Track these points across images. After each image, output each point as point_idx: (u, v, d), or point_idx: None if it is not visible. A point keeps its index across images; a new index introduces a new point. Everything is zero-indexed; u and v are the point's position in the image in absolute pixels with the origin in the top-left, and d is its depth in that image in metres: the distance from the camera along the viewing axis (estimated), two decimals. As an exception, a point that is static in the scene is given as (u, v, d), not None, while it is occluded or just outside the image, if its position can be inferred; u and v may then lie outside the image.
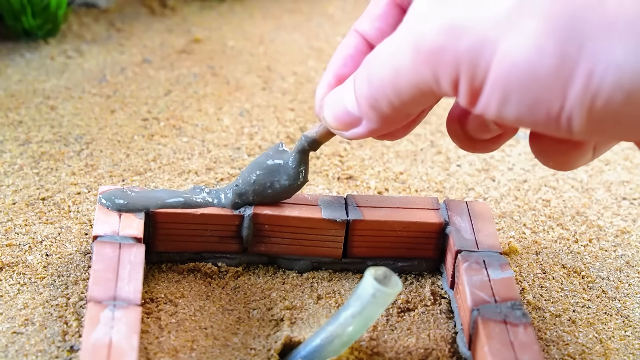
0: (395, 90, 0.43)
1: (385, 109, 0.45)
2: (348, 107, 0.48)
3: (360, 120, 0.48)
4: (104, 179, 0.63)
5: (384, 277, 0.47)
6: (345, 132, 0.49)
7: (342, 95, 0.49)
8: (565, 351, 0.53)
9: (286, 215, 0.55)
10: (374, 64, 0.45)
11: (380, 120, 0.46)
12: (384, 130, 0.48)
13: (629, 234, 0.63)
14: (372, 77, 0.45)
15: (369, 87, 0.45)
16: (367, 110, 0.46)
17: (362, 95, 0.46)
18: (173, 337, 0.51)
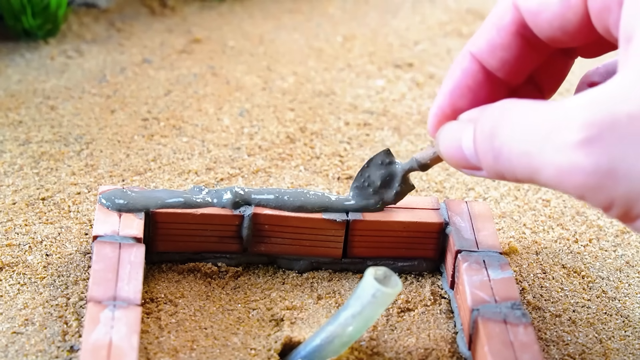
0: (526, 173, 0.40)
1: (508, 177, 0.42)
2: (465, 152, 0.45)
3: (478, 167, 0.45)
4: (104, 179, 0.63)
5: (384, 277, 0.47)
6: (463, 170, 0.46)
7: (460, 136, 0.45)
8: (565, 351, 0.53)
9: (286, 215, 0.55)
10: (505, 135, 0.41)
11: (500, 178, 0.43)
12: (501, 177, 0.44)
13: (629, 234, 0.63)
14: (501, 152, 0.41)
15: (493, 155, 0.42)
16: (488, 170, 0.43)
17: (485, 160, 0.43)
18: (173, 337, 0.51)
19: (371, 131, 0.71)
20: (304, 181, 0.65)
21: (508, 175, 0.42)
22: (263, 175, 0.65)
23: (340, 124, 0.72)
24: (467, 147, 0.45)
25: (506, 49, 0.47)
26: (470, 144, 0.44)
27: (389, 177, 0.56)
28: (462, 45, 0.86)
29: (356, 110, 0.74)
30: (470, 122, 0.45)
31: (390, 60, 0.82)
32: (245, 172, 0.65)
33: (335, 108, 0.74)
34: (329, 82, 0.78)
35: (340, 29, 0.87)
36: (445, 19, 0.90)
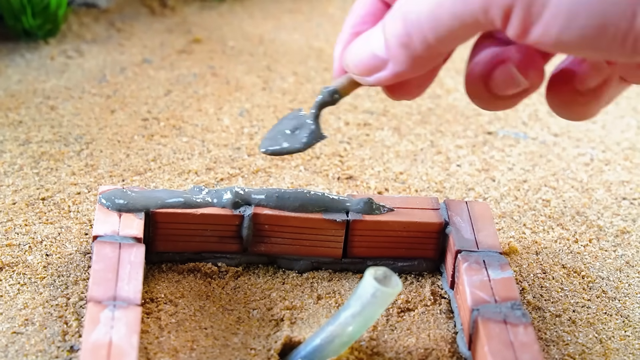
0: (433, 25, 0.43)
1: (417, 47, 0.44)
2: (375, 50, 0.47)
3: (386, 63, 0.47)
4: (104, 179, 0.63)
5: (384, 277, 0.47)
6: (369, 77, 0.48)
7: (369, 39, 0.48)
8: (565, 351, 0.53)
9: (286, 215, 0.55)
10: (408, 3, 0.44)
11: (408, 62, 0.46)
12: (408, 74, 0.47)
13: (629, 234, 0.63)
14: (408, 12, 0.44)
15: (403, 23, 0.44)
16: (396, 51, 0.46)
17: (394, 34, 0.45)
18: (173, 337, 0.51)
19: (371, 131, 0.71)
20: (304, 181, 0.65)
21: (416, 38, 0.44)
22: (263, 175, 0.65)
23: (340, 124, 0.72)
24: (378, 43, 0.47)
25: None
26: (380, 39, 0.47)
27: (300, 124, 0.53)
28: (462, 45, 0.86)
29: (356, 110, 0.74)
30: (377, 25, 0.48)
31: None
32: (245, 172, 0.65)
33: (335, 108, 0.74)
34: (329, 82, 0.78)
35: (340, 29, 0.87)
36: (445, 19, 0.90)
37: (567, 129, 0.74)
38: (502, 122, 0.74)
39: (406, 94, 0.51)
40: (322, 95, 0.52)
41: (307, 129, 0.52)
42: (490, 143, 0.71)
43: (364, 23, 0.51)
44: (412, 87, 0.51)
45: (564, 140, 0.72)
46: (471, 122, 0.74)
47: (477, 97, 0.50)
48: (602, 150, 0.71)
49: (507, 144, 0.71)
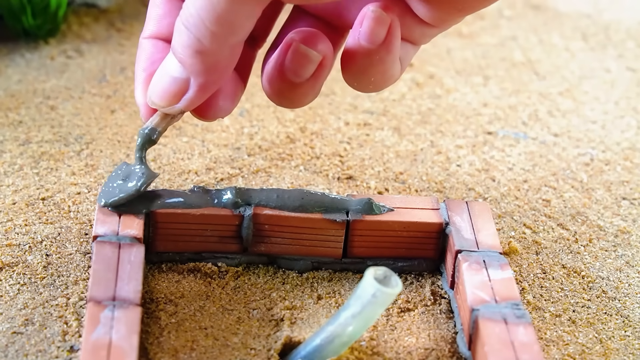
0: (214, 15, 0.43)
1: (210, 46, 0.45)
2: (172, 74, 0.48)
3: (187, 81, 0.48)
4: (104, 179, 0.63)
5: (384, 277, 0.47)
6: (178, 103, 0.49)
7: (163, 68, 0.49)
8: (565, 351, 0.53)
9: (286, 215, 0.55)
10: (184, 11, 0.45)
11: (208, 67, 0.46)
12: (214, 82, 0.47)
13: (629, 234, 0.63)
14: (186, 19, 0.45)
15: (187, 31, 0.45)
16: (192, 61, 0.46)
17: (184, 45, 0.46)
18: (173, 337, 0.51)
19: (371, 131, 0.71)
20: (304, 181, 0.65)
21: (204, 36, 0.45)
22: (263, 175, 0.65)
23: (340, 124, 0.72)
24: (173, 66, 0.48)
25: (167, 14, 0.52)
26: (174, 62, 0.47)
27: (129, 171, 0.54)
28: (462, 45, 0.86)
29: (356, 110, 0.74)
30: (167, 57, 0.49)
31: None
32: (245, 172, 0.65)
33: (335, 108, 0.74)
34: (329, 82, 0.78)
35: (340, 29, 0.87)
36: (445, 19, 0.90)
37: (567, 129, 0.74)
38: (502, 122, 0.74)
39: (218, 111, 0.52)
40: (141, 138, 0.53)
41: (137, 172, 0.54)
42: (490, 143, 0.71)
43: (153, 63, 0.52)
44: (223, 100, 0.51)
45: (564, 140, 0.72)
46: (471, 122, 0.74)
47: (279, 94, 0.50)
48: (602, 150, 0.71)
49: (507, 144, 0.71)
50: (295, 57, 0.49)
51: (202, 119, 0.52)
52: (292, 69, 0.49)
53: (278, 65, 0.50)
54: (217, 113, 0.52)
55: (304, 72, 0.49)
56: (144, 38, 0.53)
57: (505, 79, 0.81)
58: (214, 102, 0.51)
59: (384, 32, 0.48)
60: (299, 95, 0.50)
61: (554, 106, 0.77)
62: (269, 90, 0.51)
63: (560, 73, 0.83)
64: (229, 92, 0.52)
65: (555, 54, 0.86)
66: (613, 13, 0.95)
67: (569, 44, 0.88)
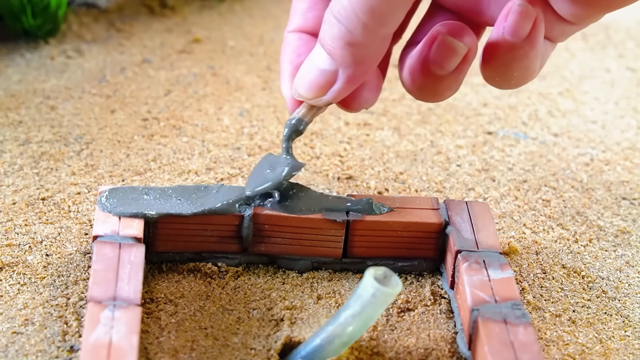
0: (367, 7, 0.44)
1: (361, 38, 0.45)
2: (320, 66, 0.48)
3: (336, 73, 0.48)
4: (104, 179, 0.63)
5: (384, 277, 0.47)
6: (325, 95, 0.49)
7: (311, 60, 0.49)
8: (565, 351, 0.53)
9: (286, 215, 0.55)
10: (336, 4, 0.45)
11: (358, 59, 0.46)
12: (362, 74, 0.48)
13: (629, 234, 0.63)
14: (338, 12, 0.45)
15: (338, 24, 0.45)
16: (342, 53, 0.46)
17: (334, 37, 0.46)
18: (173, 337, 0.51)
19: (371, 131, 0.71)
20: (304, 181, 0.65)
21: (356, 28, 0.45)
22: (263, 175, 0.65)
23: (340, 124, 0.72)
24: (321, 58, 0.48)
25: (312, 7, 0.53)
26: (323, 54, 0.47)
27: (276, 161, 0.55)
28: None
29: (356, 110, 0.74)
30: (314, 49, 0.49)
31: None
32: (245, 172, 0.65)
33: (335, 108, 0.74)
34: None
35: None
36: (445, 19, 0.90)
37: (567, 129, 0.74)
38: (502, 122, 0.74)
39: (363, 102, 0.52)
40: (288, 128, 0.53)
41: (283, 162, 0.54)
42: (490, 143, 0.71)
43: (299, 55, 0.52)
44: (367, 91, 0.51)
45: (564, 140, 0.72)
46: (471, 122, 0.74)
47: (419, 86, 0.50)
48: (602, 150, 0.71)
49: (507, 144, 0.71)
50: (441, 49, 0.49)
51: (347, 110, 0.53)
52: (437, 61, 0.49)
53: (422, 58, 0.50)
54: (362, 104, 0.52)
55: (449, 64, 0.49)
56: (289, 32, 0.53)
57: (505, 79, 0.81)
58: (358, 93, 0.51)
59: (529, 26, 0.48)
60: (442, 88, 0.51)
61: (554, 106, 0.77)
62: (411, 84, 0.51)
63: (560, 73, 0.83)
64: (372, 84, 0.52)
65: (555, 53, 0.86)
66: (613, 13, 0.95)
67: (568, 43, 0.88)
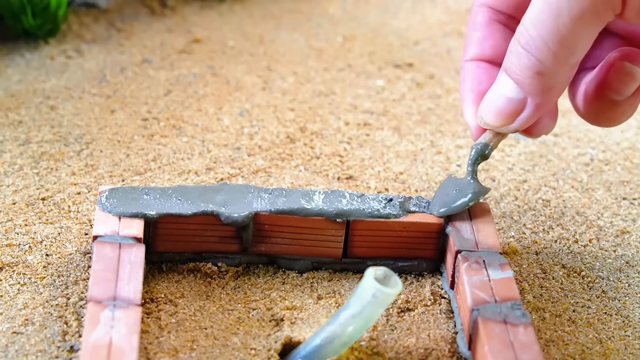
0: (559, 38, 0.45)
1: (551, 68, 0.46)
2: (508, 94, 0.49)
3: (524, 102, 0.49)
4: (104, 179, 0.63)
5: (384, 277, 0.47)
6: (512, 123, 0.50)
7: (498, 89, 0.50)
8: (565, 351, 0.53)
9: (286, 216, 0.55)
10: (524, 35, 0.46)
11: (547, 88, 0.48)
12: (550, 102, 0.49)
13: (629, 234, 0.63)
14: (529, 43, 0.46)
15: (528, 55, 0.47)
16: (531, 82, 0.48)
17: (524, 67, 0.47)
18: (173, 337, 0.51)
19: (371, 131, 0.71)
20: (304, 181, 0.65)
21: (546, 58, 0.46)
22: (263, 175, 0.65)
23: (340, 124, 0.72)
24: (509, 88, 0.49)
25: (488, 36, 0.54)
26: (510, 83, 0.49)
27: (460, 184, 0.56)
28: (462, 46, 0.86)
29: (356, 110, 0.74)
30: (498, 78, 0.50)
31: (390, 60, 0.82)
32: (245, 172, 0.65)
33: (335, 108, 0.74)
34: (329, 82, 0.78)
35: (340, 29, 0.87)
36: (445, 19, 0.90)
37: (567, 128, 0.74)
38: (502, 122, 0.74)
39: (544, 128, 0.53)
40: (475, 152, 0.54)
41: (468, 187, 0.55)
42: (490, 143, 0.71)
43: (480, 83, 0.53)
44: (547, 117, 0.53)
45: (564, 140, 0.72)
46: (471, 122, 0.74)
47: (599, 113, 0.52)
48: (602, 150, 0.71)
49: (507, 144, 0.71)
50: (618, 75, 0.50)
51: (528, 136, 0.54)
52: (615, 87, 0.51)
53: (598, 83, 0.51)
54: (542, 130, 0.53)
55: (626, 89, 0.51)
56: (466, 61, 0.55)
57: (505, 79, 0.81)
58: (539, 120, 0.52)
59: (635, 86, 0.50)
60: (618, 113, 0.52)
61: (554, 106, 0.77)
62: (586, 109, 0.53)
63: None
64: (552, 110, 0.53)
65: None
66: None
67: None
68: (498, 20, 0.54)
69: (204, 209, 0.54)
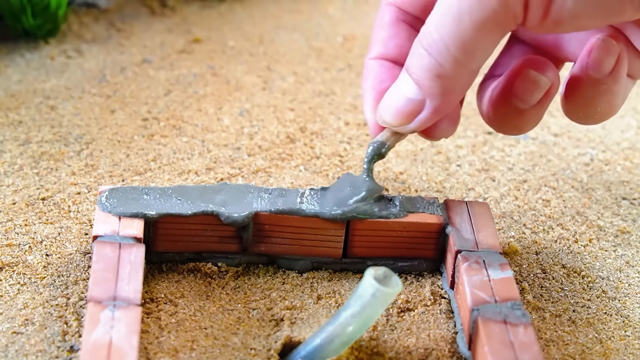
0: (460, 42, 0.45)
1: (451, 72, 0.46)
2: (408, 95, 0.49)
3: (423, 103, 0.49)
4: (104, 179, 0.63)
5: (384, 277, 0.47)
6: (410, 124, 0.50)
7: (398, 88, 0.50)
8: (565, 351, 0.53)
9: (286, 216, 0.55)
10: (426, 36, 0.46)
11: (446, 91, 0.48)
12: (448, 106, 0.49)
13: (629, 234, 0.63)
14: (429, 44, 0.46)
15: (429, 57, 0.46)
16: (430, 84, 0.47)
17: (424, 68, 0.47)
18: (173, 337, 0.51)
19: (371, 131, 0.71)
20: (304, 181, 0.65)
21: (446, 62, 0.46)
22: (263, 175, 0.65)
23: (340, 124, 0.72)
24: (408, 87, 0.49)
25: (394, 36, 0.54)
26: (410, 83, 0.49)
27: (354, 182, 0.55)
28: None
29: (356, 110, 0.74)
30: (400, 76, 0.50)
31: None
32: (245, 172, 0.65)
33: (335, 108, 0.74)
34: (329, 82, 0.78)
35: (340, 29, 0.87)
36: (445, 19, 0.90)
37: (567, 128, 0.74)
38: (502, 122, 0.74)
39: (443, 131, 0.53)
40: (371, 149, 0.54)
41: (363, 184, 0.55)
42: (490, 143, 0.71)
43: (381, 82, 0.53)
44: (448, 121, 0.53)
45: (564, 140, 0.72)
46: (471, 122, 0.74)
47: (504, 121, 0.51)
48: (602, 150, 0.71)
49: (507, 144, 0.71)
50: (524, 83, 0.50)
51: (427, 138, 0.54)
52: (520, 95, 0.51)
53: (504, 91, 0.51)
54: (442, 134, 0.54)
55: (531, 98, 0.51)
56: (370, 59, 0.55)
57: (505, 79, 0.81)
58: (439, 123, 0.52)
59: (613, 61, 0.49)
60: (523, 122, 0.52)
61: (554, 106, 0.77)
62: (492, 116, 0.53)
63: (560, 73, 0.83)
64: (453, 115, 0.53)
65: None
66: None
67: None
68: (404, 20, 0.54)
69: (204, 209, 0.54)
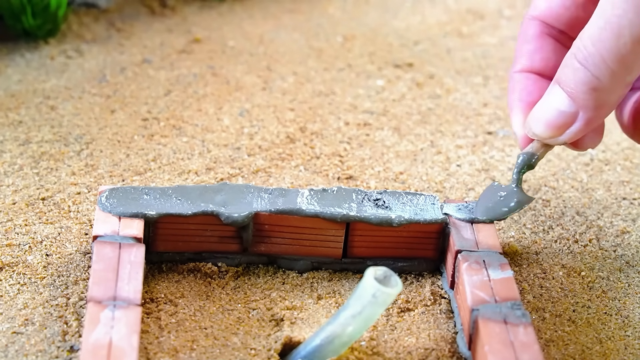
0: (618, 56, 0.46)
1: (607, 85, 0.47)
2: (560, 107, 0.50)
3: (575, 115, 0.50)
4: (104, 179, 0.63)
5: (384, 277, 0.47)
6: (561, 135, 0.51)
7: (549, 101, 0.51)
8: (565, 351, 0.53)
9: (286, 216, 0.55)
10: (582, 50, 0.47)
11: (600, 104, 0.49)
12: (601, 118, 0.50)
13: (629, 234, 0.63)
14: (587, 59, 0.47)
15: (584, 70, 0.47)
16: (585, 97, 0.48)
17: (580, 82, 0.48)
18: (173, 337, 0.51)
19: (371, 131, 0.71)
20: (304, 181, 0.65)
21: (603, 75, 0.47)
22: (263, 175, 0.65)
23: (340, 124, 0.72)
24: (561, 101, 0.50)
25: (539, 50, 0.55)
26: (562, 96, 0.50)
27: (504, 191, 0.56)
28: (462, 45, 0.86)
29: (356, 110, 0.74)
30: (550, 89, 0.51)
31: (390, 60, 0.82)
32: (245, 172, 0.65)
33: (335, 108, 0.74)
34: (329, 82, 0.78)
35: (340, 29, 0.87)
36: (445, 19, 0.90)
37: (567, 129, 0.74)
38: (502, 122, 0.74)
39: (590, 142, 0.54)
40: (521, 160, 0.55)
41: (512, 195, 0.56)
42: (490, 143, 0.71)
43: (529, 94, 0.54)
44: (595, 132, 0.54)
45: (564, 140, 0.72)
46: (471, 122, 0.74)
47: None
48: (602, 150, 0.71)
49: (507, 144, 0.71)
50: None
51: (575, 149, 0.55)
52: None
53: None
54: (588, 144, 0.55)
55: None
56: (515, 72, 0.56)
57: (505, 79, 0.81)
58: (587, 134, 0.53)
59: None
60: None
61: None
62: (633, 127, 0.54)
63: None
64: (599, 125, 0.54)
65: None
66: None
67: (569, 44, 0.88)
68: (549, 34, 0.55)
69: (204, 209, 0.54)
